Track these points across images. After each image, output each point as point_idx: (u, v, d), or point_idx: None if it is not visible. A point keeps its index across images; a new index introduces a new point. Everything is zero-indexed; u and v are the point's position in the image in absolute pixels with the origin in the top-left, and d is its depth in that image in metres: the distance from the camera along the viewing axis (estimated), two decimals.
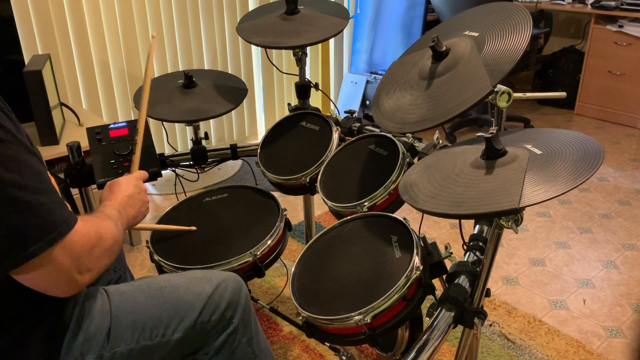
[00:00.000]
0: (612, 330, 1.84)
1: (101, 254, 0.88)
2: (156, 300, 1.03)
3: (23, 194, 0.75)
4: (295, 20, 1.67)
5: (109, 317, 0.98)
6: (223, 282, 1.10)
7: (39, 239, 0.77)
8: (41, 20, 2.38)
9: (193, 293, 1.06)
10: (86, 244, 0.84)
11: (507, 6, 1.20)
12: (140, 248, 2.37)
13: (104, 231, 0.90)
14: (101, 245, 0.88)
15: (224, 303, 1.08)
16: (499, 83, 1.06)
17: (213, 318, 1.07)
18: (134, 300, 1.02)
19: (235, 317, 1.10)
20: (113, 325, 0.97)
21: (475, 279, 1.08)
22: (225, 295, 1.08)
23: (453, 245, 1.12)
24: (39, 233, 0.77)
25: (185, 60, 2.95)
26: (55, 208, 0.79)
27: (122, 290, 1.04)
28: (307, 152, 1.56)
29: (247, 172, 3.07)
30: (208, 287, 1.07)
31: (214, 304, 1.07)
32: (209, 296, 1.06)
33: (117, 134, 1.50)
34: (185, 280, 1.08)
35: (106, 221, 0.95)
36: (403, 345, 1.21)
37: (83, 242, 0.83)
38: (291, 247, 2.34)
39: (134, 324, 0.99)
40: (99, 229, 0.89)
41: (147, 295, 1.03)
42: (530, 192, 0.86)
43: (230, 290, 1.09)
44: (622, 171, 3.02)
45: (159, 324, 1.01)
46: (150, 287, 1.05)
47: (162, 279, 1.09)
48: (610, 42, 3.53)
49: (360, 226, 1.22)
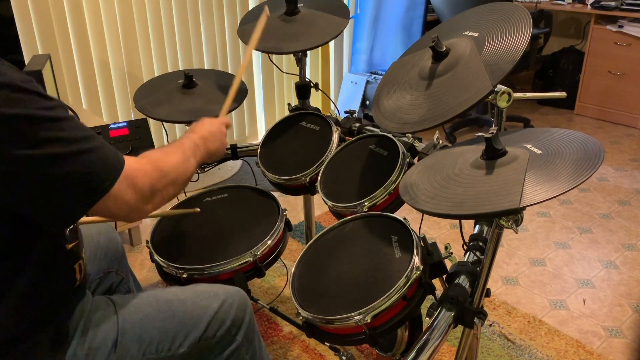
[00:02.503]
0: (612, 330, 1.84)
1: (164, 185, 0.97)
2: (164, 314, 1.03)
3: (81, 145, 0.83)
4: (295, 21, 1.66)
5: (116, 329, 0.97)
6: (229, 298, 1.09)
7: (107, 177, 0.86)
8: (41, 20, 2.38)
9: (200, 308, 1.06)
10: (143, 177, 0.93)
11: (507, 6, 1.20)
12: (140, 248, 2.37)
13: (163, 165, 0.99)
14: (162, 178, 0.97)
15: (229, 320, 1.08)
16: (499, 83, 1.06)
17: (218, 334, 1.06)
18: (142, 313, 1.01)
19: (239, 334, 1.10)
20: (120, 338, 0.97)
21: (475, 279, 1.08)
22: (231, 311, 1.08)
23: (453, 245, 1.12)
24: (104, 172, 0.86)
25: (185, 60, 2.95)
26: (107, 148, 0.88)
27: (129, 302, 1.03)
28: (307, 152, 1.56)
29: (247, 172, 3.07)
30: (215, 303, 1.07)
31: (220, 320, 1.07)
32: (215, 312, 1.06)
33: (117, 134, 1.51)
34: (193, 294, 1.08)
35: (173, 155, 1.03)
36: (403, 345, 1.21)
37: (141, 175, 0.92)
38: (291, 247, 2.34)
39: (141, 337, 0.99)
40: (158, 162, 0.98)
41: (154, 309, 1.03)
42: (530, 192, 0.86)
43: (236, 306, 1.09)
44: (622, 171, 3.03)
45: (165, 339, 1.01)
46: (158, 300, 1.05)
47: (169, 292, 1.09)
48: (610, 42, 3.53)
49: (360, 226, 1.22)
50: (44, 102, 0.80)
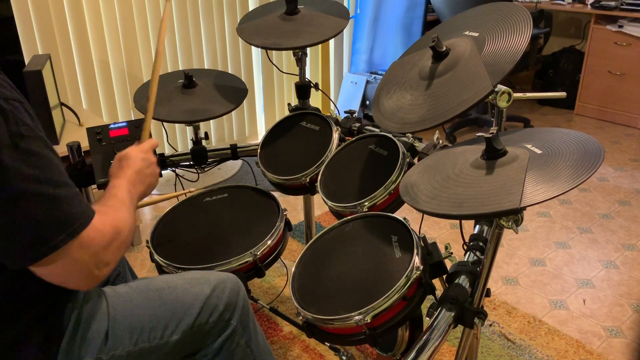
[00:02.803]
0: (612, 330, 1.84)
1: (119, 247, 0.89)
2: (154, 302, 1.03)
3: (45, 188, 0.76)
4: (295, 20, 1.67)
5: (107, 320, 0.97)
6: (221, 283, 1.09)
7: (61, 232, 0.77)
8: (41, 20, 2.38)
9: (191, 294, 1.05)
10: (103, 240, 0.84)
11: (507, 6, 1.20)
12: (140, 248, 2.37)
13: (120, 224, 0.90)
14: (118, 238, 0.88)
15: (222, 304, 1.07)
16: (499, 83, 1.06)
17: (211, 319, 1.06)
18: (131, 302, 1.01)
19: (233, 319, 1.09)
20: (111, 328, 0.97)
21: (475, 279, 1.08)
22: (223, 296, 1.08)
23: (453, 245, 1.12)
24: (60, 226, 0.77)
25: (185, 60, 2.95)
26: (74, 201, 0.80)
27: (119, 292, 1.03)
28: (307, 152, 1.56)
29: (247, 172, 3.07)
30: (206, 288, 1.07)
31: (212, 305, 1.06)
32: (207, 297, 1.06)
33: (117, 134, 1.50)
34: (183, 282, 1.08)
35: (121, 211, 0.94)
36: (403, 345, 1.21)
37: (100, 237, 0.84)
38: (291, 247, 2.34)
39: (132, 326, 0.99)
40: (116, 222, 0.89)
41: (144, 297, 1.03)
42: (530, 192, 0.86)
43: (228, 291, 1.09)
44: (622, 171, 3.02)
45: (157, 326, 1.01)
46: (148, 289, 1.05)
47: (159, 280, 1.08)
48: (610, 42, 3.53)
49: (361, 226, 1.22)
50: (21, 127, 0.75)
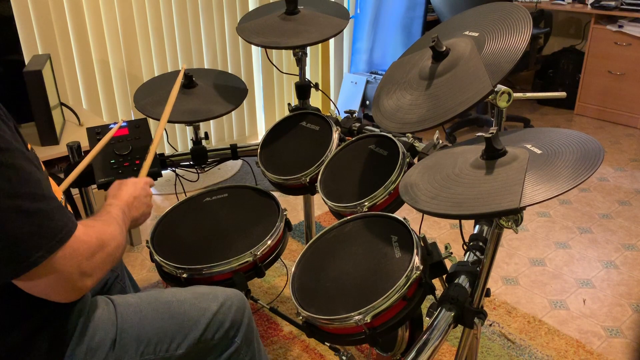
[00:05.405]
0: (612, 330, 1.84)
1: (103, 260, 0.87)
2: (162, 314, 1.03)
3: (21, 202, 0.74)
4: (295, 20, 1.67)
5: (115, 329, 0.97)
6: (228, 300, 1.09)
7: (40, 247, 0.75)
8: (41, 20, 2.38)
9: (199, 309, 1.06)
10: (87, 250, 0.83)
11: (507, 6, 1.20)
12: (140, 248, 2.37)
13: (106, 237, 0.89)
14: (103, 250, 0.87)
15: (228, 322, 1.08)
16: (499, 83, 1.06)
17: (217, 336, 1.06)
18: (140, 313, 1.01)
19: (238, 337, 1.10)
20: (118, 337, 0.97)
21: (475, 279, 1.08)
22: (230, 313, 1.08)
23: (453, 245, 1.12)
24: (39, 241, 0.75)
25: (185, 60, 2.95)
26: (55, 214, 0.78)
27: (129, 301, 1.03)
28: (307, 152, 1.56)
29: (247, 172, 3.07)
30: (214, 305, 1.07)
31: (219, 321, 1.07)
32: (214, 313, 1.06)
33: (117, 134, 1.51)
34: (191, 296, 1.08)
35: (111, 225, 0.94)
36: (403, 345, 1.21)
37: (84, 248, 0.82)
38: (291, 247, 2.34)
39: (139, 338, 0.99)
40: (102, 234, 0.88)
41: (153, 309, 1.03)
42: (530, 192, 0.86)
43: (235, 308, 1.09)
44: (622, 171, 3.02)
45: (163, 339, 1.01)
46: (157, 301, 1.05)
47: (168, 292, 1.09)
48: (610, 42, 3.53)
49: (360, 226, 1.22)
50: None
